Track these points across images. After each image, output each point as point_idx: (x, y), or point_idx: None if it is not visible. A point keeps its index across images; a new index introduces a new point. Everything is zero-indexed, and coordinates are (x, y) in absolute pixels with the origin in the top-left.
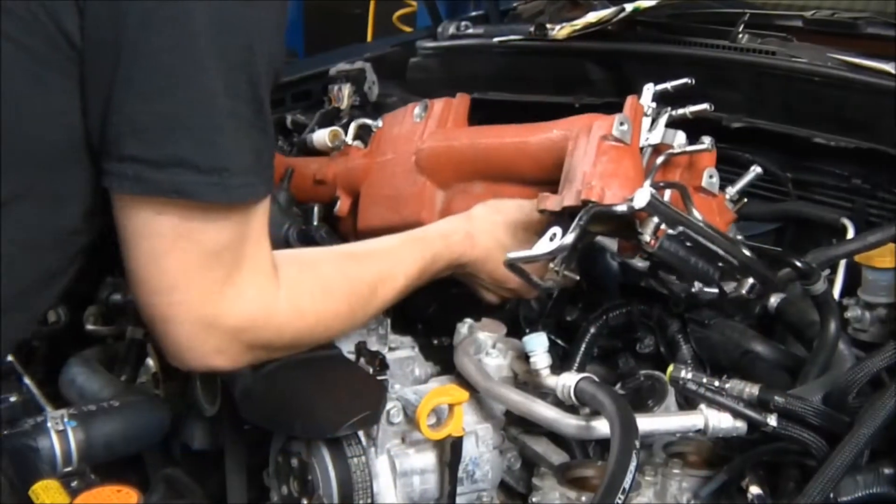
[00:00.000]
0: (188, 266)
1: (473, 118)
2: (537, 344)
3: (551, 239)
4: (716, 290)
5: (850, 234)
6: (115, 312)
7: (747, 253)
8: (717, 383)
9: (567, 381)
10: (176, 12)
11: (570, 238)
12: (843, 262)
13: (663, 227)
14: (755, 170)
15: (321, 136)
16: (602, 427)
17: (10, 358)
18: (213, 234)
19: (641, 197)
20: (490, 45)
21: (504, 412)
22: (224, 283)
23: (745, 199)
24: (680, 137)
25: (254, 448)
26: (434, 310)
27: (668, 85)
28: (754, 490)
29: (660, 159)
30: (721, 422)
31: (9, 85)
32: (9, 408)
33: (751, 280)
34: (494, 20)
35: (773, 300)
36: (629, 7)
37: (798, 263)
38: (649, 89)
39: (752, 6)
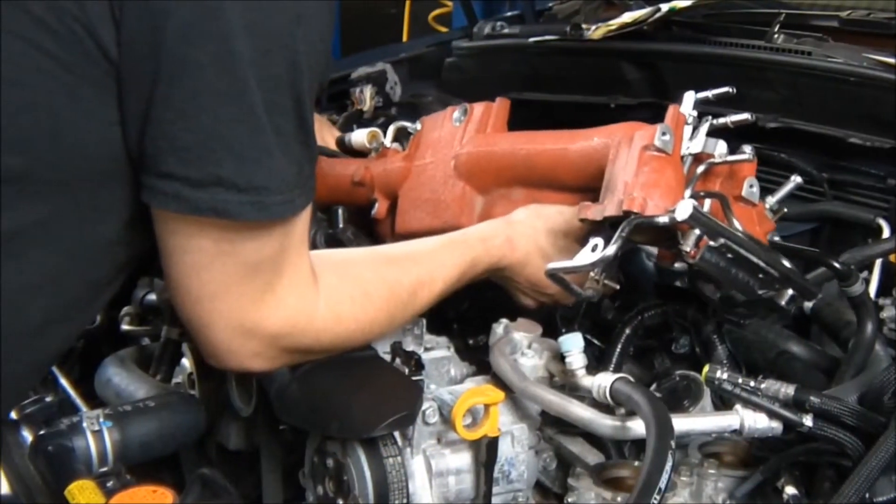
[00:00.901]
0: (229, 278)
1: (509, 119)
2: (573, 344)
3: (593, 250)
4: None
5: (886, 233)
6: (150, 313)
7: (787, 264)
8: (752, 383)
9: (603, 382)
10: (216, 27)
11: (611, 249)
12: (878, 262)
13: (704, 238)
14: (795, 180)
15: (360, 137)
16: (638, 427)
17: None
18: (254, 248)
19: (684, 209)
20: (525, 45)
21: (540, 412)
22: (264, 292)
23: (785, 209)
24: (721, 147)
25: (289, 448)
26: (468, 308)
27: (710, 93)
28: (790, 490)
29: (700, 168)
30: (757, 422)
31: (46, 100)
32: (45, 408)
33: (790, 291)
34: (530, 20)
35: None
36: (665, 7)
37: (836, 265)
38: (690, 97)
39: (788, 6)
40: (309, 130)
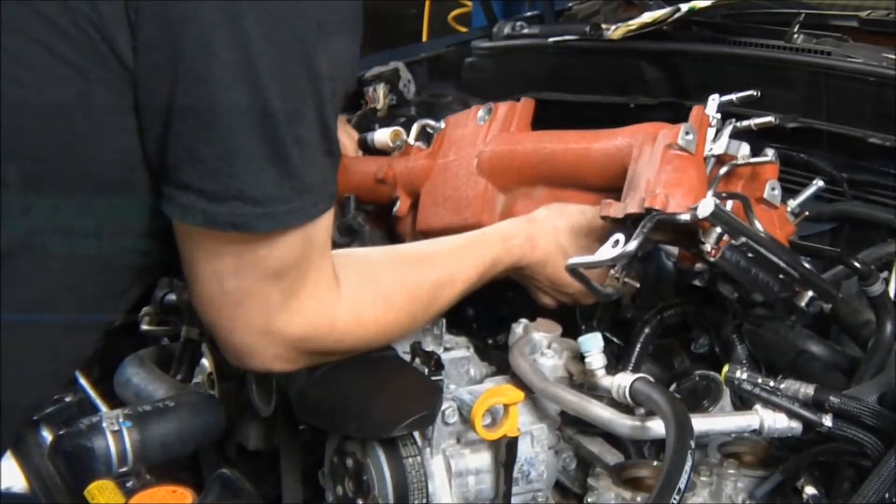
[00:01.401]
0: (252, 286)
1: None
2: (592, 344)
3: (614, 245)
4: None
5: None
6: (170, 312)
7: (808, 266)
8: (772, 383)
9: (622, 382)
10: (236, 37)
11: (632, 245)
12: None
13: (725, 237)
14: (817, 183)
15: (383, 136)
16: (657, 427)
17: None
18: (277, 256)
19: (705, 206)
20: (545, 45)
21: (559, 412)
22: (287, 297)
23: (807, 213)
24: (744, 149)
25: (309, 448)
26: (488, 308)
27: (734, 96)
28: (809, 490)
29: (723, 170)
30: (776, 422)
31: (59, 104)
32: (64, 408)
33: (810, 293)
34: (549, 20)
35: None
36: (684, 7)
37: (856, 264)
38: (714, 100)
39: (808, 6)
40: (332, 138)
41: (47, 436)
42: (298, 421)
